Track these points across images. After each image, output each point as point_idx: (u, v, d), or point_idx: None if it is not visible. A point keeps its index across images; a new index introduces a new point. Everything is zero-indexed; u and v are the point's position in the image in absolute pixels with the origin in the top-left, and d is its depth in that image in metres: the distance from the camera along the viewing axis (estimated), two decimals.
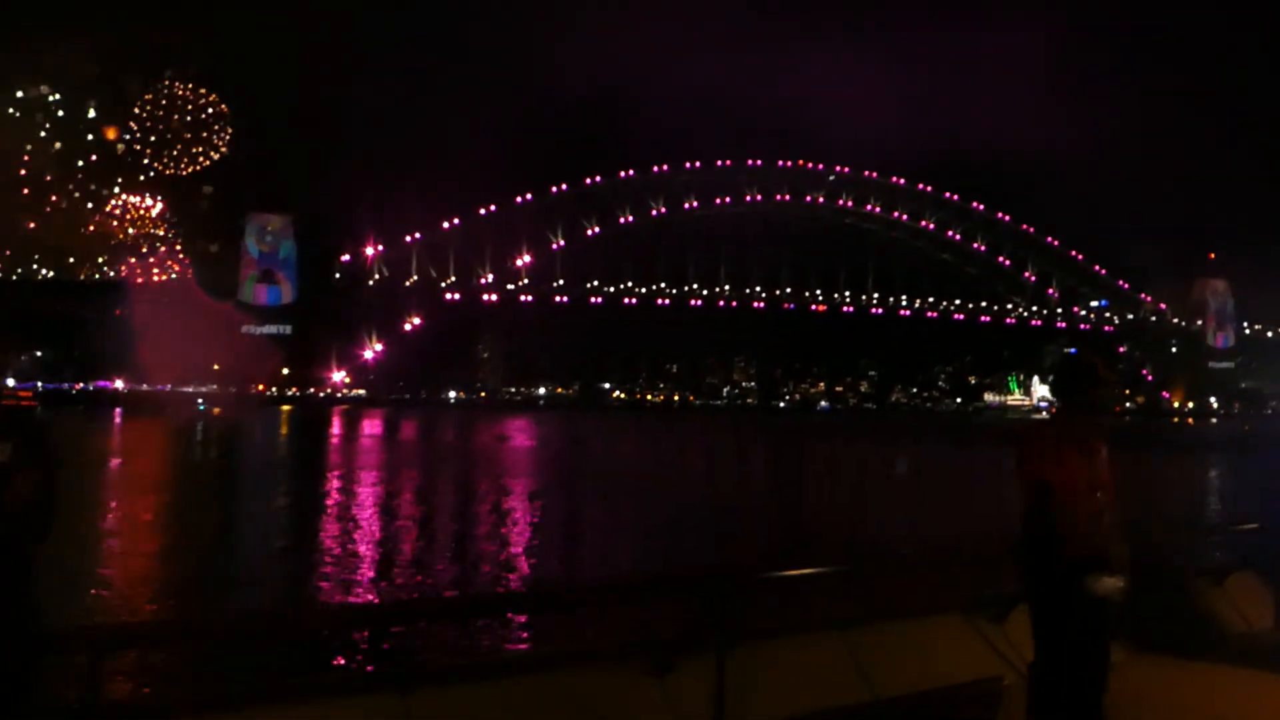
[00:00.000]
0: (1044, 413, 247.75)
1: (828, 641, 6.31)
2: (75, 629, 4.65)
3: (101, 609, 16.20)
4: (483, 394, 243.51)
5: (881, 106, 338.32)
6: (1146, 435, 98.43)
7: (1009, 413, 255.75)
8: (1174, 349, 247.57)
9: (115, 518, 28.99)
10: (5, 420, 4.09)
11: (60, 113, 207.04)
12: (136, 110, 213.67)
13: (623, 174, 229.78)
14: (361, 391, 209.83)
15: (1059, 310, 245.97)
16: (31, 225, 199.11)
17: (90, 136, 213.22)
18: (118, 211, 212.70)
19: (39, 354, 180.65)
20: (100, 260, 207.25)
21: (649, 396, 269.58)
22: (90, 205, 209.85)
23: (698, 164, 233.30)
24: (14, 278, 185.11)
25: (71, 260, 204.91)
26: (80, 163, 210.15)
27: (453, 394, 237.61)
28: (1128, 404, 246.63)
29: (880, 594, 7.30)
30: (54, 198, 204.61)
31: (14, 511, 3.90)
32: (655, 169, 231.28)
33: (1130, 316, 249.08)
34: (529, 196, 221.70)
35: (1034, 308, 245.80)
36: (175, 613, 16.35)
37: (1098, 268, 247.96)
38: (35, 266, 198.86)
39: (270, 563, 22.48)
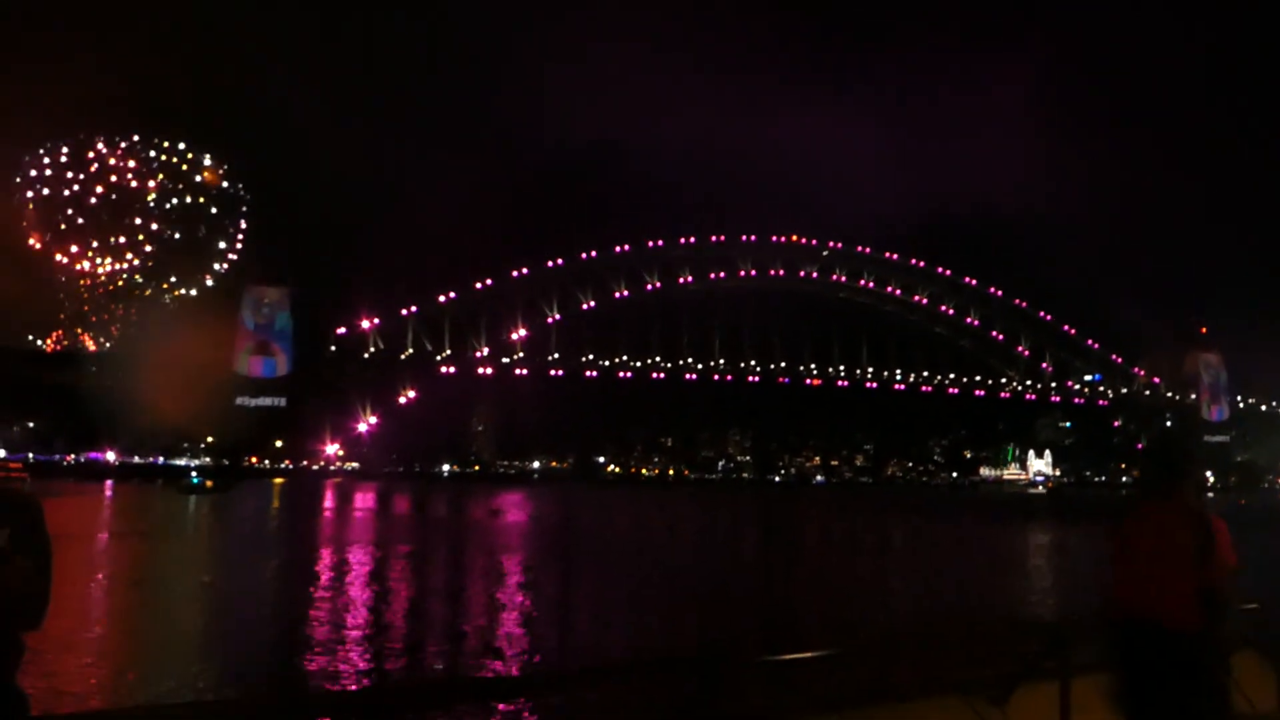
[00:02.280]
0: (1040, 487, 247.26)
1: None
2: (62, 718, 4.51)
3: (87, 691, 15.87)
4: (476, 467, 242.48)
5: (875, 182, 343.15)
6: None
7: (1005, 486, 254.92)
8: (1168, 422, 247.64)
9: (102, 594, 28.58)
10: (2, 506, 3.99)
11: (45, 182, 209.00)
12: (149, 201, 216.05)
13: (617, 249, 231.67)
14: (355, 464, 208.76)
15: (1053, 384, 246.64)
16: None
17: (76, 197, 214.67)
18: (110, 278, 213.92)
19: (30, 424, 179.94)
20: (89, 329, 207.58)
21: (643, 470, 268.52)
22: (84, 274, 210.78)
23: (692, 239, 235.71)
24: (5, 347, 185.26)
25: (62, 330, 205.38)
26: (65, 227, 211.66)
27: (446, 467, 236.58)
28: (1123, 478, 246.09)
29: (877, 674, 7.18)
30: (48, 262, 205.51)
31: (6, 599, 3.81)
32: (650, 244, 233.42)
33: (1124, 390, 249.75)
34: (524, 270, 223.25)
35: (1028, 381, 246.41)
36: (162, 695, 16.00)
37: (1091, 341, 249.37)
38: (31, 337, 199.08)
39: (260, 642, 22.10)
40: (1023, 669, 7.33)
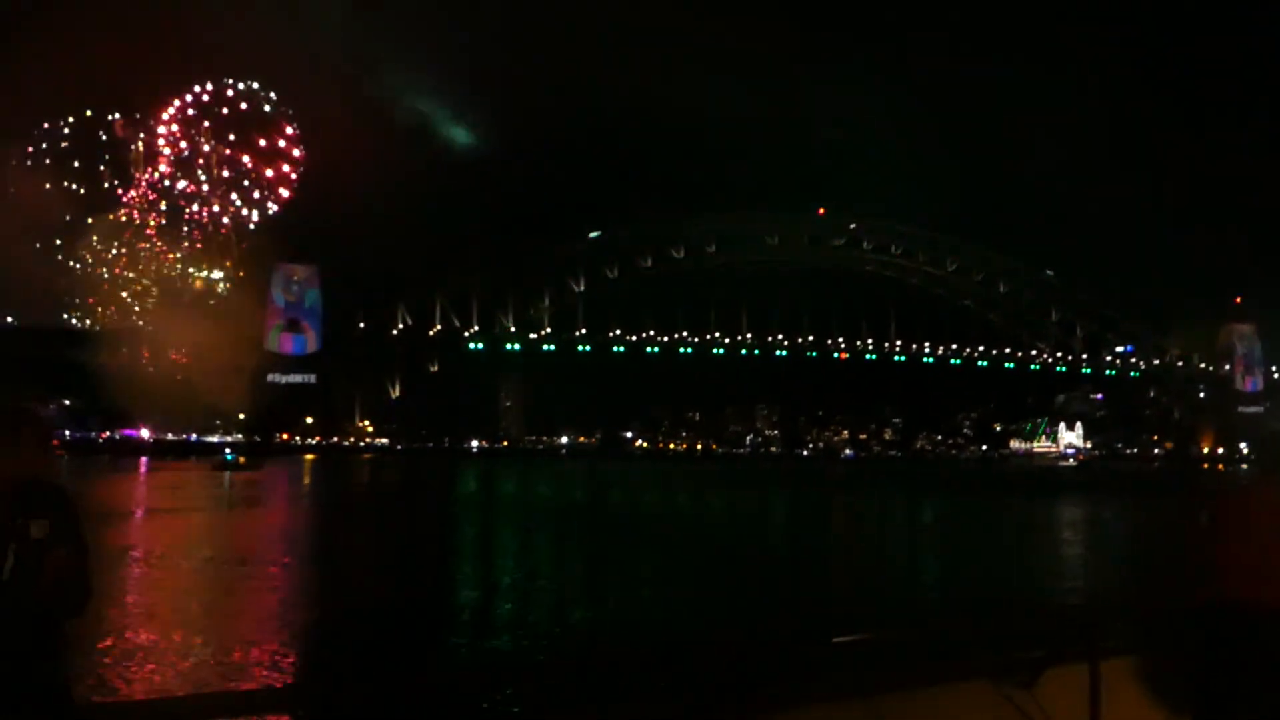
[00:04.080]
0: (1071, 460, 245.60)
1: (852, 712, 6.24)
2: (107, 706, 4.68)
3: (133, 678, 16.18)
4: (505, 442, 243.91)
5: (903, 153, 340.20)
6: (1176, 482, 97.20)
7: (1036, 460, 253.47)
8: (1202, 394, 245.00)
9: (143, 575, 29.02)
10: (43, 496, 4.18)
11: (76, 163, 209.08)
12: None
13: (644, 222, 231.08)
14: (385, 440, 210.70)
15: (1084, 356, 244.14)
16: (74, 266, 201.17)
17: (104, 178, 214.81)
18: (143, 256, 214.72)
19: (66, 402, 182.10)
20: (122, 307, 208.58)
21: (671, 445, 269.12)
22: (114, 252, 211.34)
23: (719, 211, 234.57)
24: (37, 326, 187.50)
25: (97, 308, 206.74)
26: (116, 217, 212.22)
27: (475, 443, 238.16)
28: (1156, 450, 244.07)
29: (904, 659, 7.25)
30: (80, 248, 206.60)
31: (50, 587, 3.98)
32: (677, 216, 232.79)
33: (1156, 362, 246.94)
34: (551, 245, 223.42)
35: (1058, 354, 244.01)
36: (206, 683, 16.24)
37: (1122, 313, 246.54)
38: (66, 315, 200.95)
39: (290, 624, 22.44)
40: (1051, 652, 7.37)
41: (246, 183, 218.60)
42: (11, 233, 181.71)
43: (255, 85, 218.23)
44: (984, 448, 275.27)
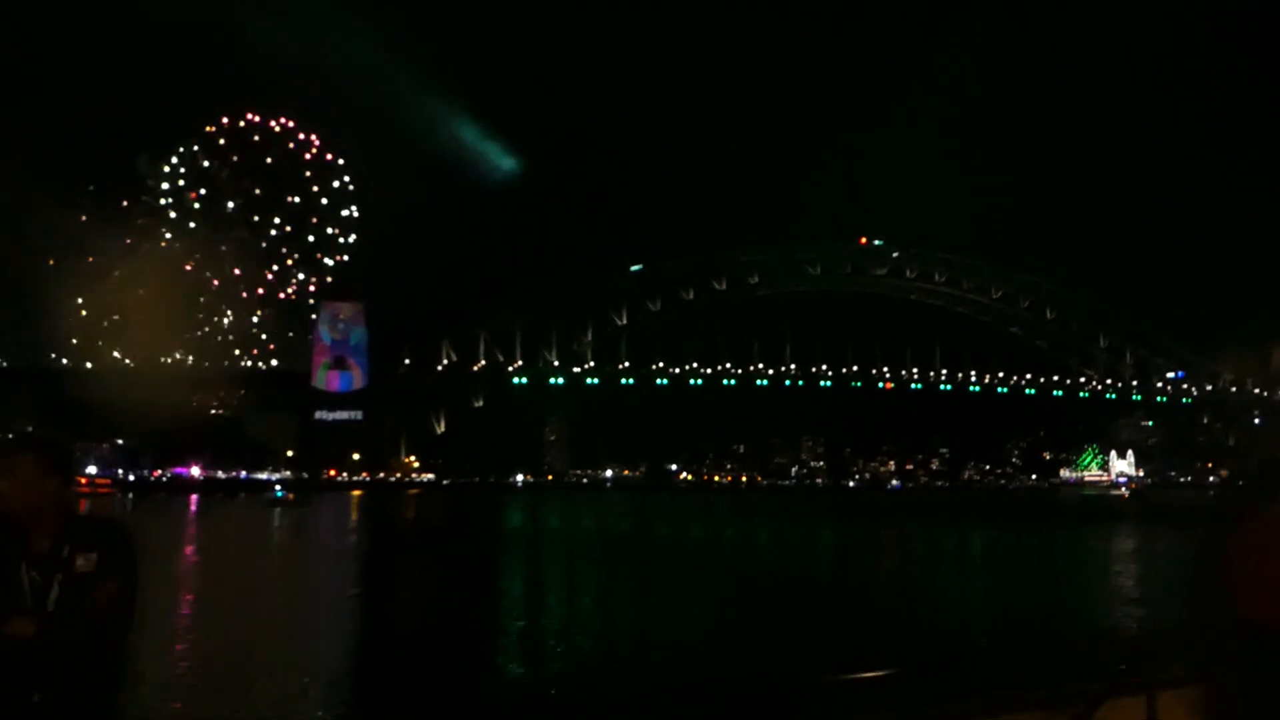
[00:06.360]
0: (1123, 489, 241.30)
1: None
2: None
3: (182, 712, 16.34)
4: (550, 476, 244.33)
5: (948, 179, 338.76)
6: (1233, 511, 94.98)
7: (1086, 489, 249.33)
8: (1257, 420, 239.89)
9: (195, 609, 29.34)
10: (93, 530, 4.33)
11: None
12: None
13: (686, 253, 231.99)
14: (431, 475, 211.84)
15: (1134, 383, 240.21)
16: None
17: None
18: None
19: (119, 441, 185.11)
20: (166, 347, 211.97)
21: (716, 477, 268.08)
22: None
23: (761, 242, 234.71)
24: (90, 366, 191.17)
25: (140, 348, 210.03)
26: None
27: (520, 477, 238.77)
28: (1210, 478, 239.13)
29: (955, 691, 7.18)
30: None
31: (96, 619, 4.06)
32: (719, 247, 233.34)
33: (1209, 387, 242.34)
34: (594, 278, 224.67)
35: (1108, 380, 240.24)
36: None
37: (1173, 338, 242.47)
38: (118, 355, 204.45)
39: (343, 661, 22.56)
40: (1107, 684, 7.24)
41: (298, 242, 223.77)
42: (51, 273, 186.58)
43: (291, 124, 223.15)
44: (1033, 477, 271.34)
